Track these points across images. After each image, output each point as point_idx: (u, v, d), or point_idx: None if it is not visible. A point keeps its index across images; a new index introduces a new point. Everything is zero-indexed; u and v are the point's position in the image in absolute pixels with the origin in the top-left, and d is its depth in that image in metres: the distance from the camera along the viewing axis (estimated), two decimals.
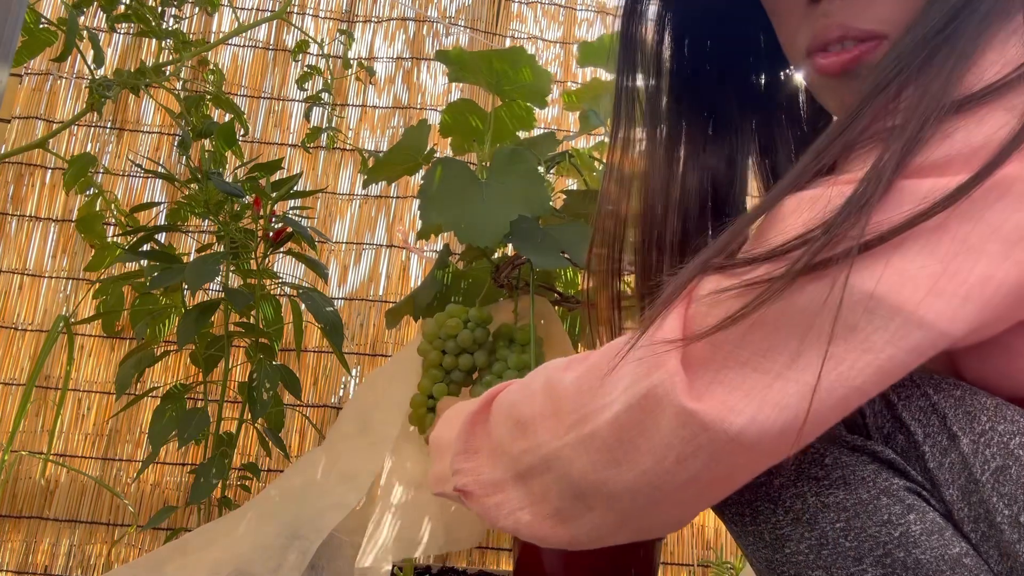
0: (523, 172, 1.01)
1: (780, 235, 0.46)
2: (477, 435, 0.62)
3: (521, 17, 1.88)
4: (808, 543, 0.47)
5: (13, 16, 0.64)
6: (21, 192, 1.70)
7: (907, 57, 0.48)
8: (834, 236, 0.43)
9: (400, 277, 1.73)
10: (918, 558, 0.45)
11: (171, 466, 1.61)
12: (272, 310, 1.34)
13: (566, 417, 0.52)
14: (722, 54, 0.75)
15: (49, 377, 1.62)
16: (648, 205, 0.70)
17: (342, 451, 1.10)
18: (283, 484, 1.11)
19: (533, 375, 0.59)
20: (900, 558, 0.45)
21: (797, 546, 0.48)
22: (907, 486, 0.47)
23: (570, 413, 0.52)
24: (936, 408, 0.48)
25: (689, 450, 0.45)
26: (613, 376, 0.49)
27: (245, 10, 1.80)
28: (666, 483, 0.47)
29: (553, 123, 1.81)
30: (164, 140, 1.76)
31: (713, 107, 0.75)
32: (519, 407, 0.56)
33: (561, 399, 0.53)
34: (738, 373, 0.45)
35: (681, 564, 1.62)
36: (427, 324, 1.03)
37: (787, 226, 0.46)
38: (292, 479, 1.11)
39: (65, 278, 1.67)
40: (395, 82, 1.81)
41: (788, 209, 0.47)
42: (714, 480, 0.47)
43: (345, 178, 1.77)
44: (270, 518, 1.04)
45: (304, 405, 1.63)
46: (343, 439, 1.13)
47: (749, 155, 0.76)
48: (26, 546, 1.56)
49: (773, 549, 0.49)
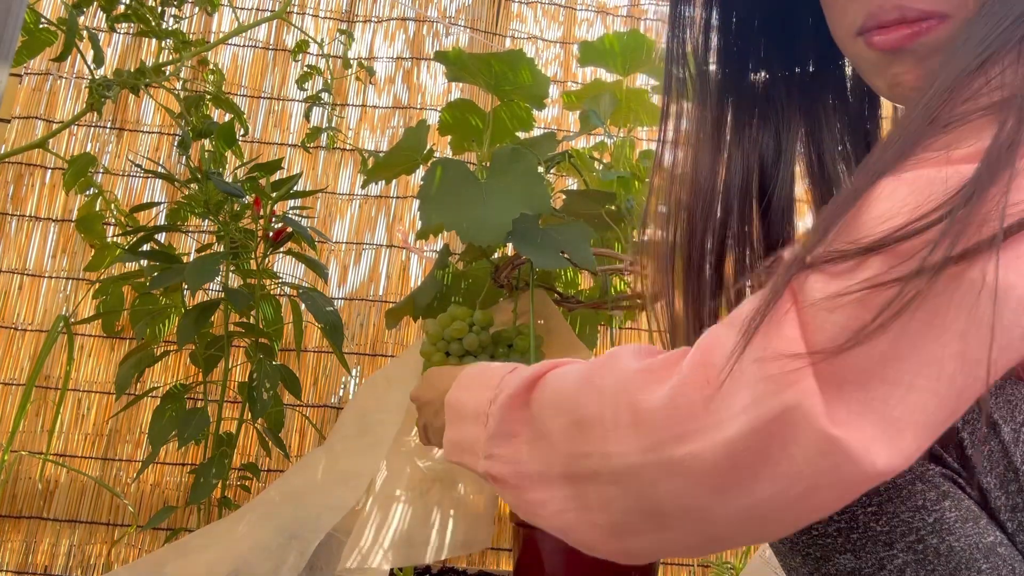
0: (523, 172, 1.01)
1: (881, 223, 0.40)
2: (516, 419, 0.55)
3: (521, 17, 1.88)
4: (837, 525, 0.47)
5: (13, 16, 0.64)
6: (21, 192, 1.70)
7: (1001, 33, 0.43)
8: (963, 222, 0.37)
9: (400, 277, 1.73)
10: (951, 545, 0.44)
11: (171, 466, 1.61)
12: (272, 310, 1.35)
13: (653, 433, 0.45)
14: (769, 33, 0.73)
15: (49, 377, 1.62)
16: (693, 189, 0.67)
17: (341, 452, 1.10)
18: (283, 485, 1.11)
19: (598, 367, 0.51)
20: (933, 545, 0.44)
21: (825, 528, 0.47)
22: (943, 472, 0.46)
23: (660, 430, 0.45)
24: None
25: (825, 482, 0.40)
26: (724, 393, 0.42)
27: (245, 10, 1.80)
28: (780, 515, 0.42)
29: (553, 123, 1.81)
30: (164, 140, 1.76)
31: (760, 88, 0.73)
32: (580, 404, 0.50)
33: (644, 412, 0.46)
34: (885, 393, 0.39)
35: (681, 564, 1.62)
36: (430, 325, 1.03)
37: (886, 212, 0.40)
38: (292, 480, 1.11)
39: (65, 278, 1.67)
40: (395, 82, 1.81)
41: (884, 193, 0.41)
42: (828, 509, 0.42)
43: (345, 178, 1.77)
44: (269, 518, 1.04)
45: (304, 405, 1.63)
46: (343, 440, 1.12)
47: (796, 138, 0.73)
48: (26, 546, 1.56)
49: (799, 531, 0.48)
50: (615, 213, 1.08)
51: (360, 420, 1.12)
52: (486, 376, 0.60)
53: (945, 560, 0.44)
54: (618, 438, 0.46)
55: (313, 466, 1.12)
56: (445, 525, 1.08)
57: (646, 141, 1.83)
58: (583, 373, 0.52)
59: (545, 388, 0.53)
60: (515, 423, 0.55)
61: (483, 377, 0.60)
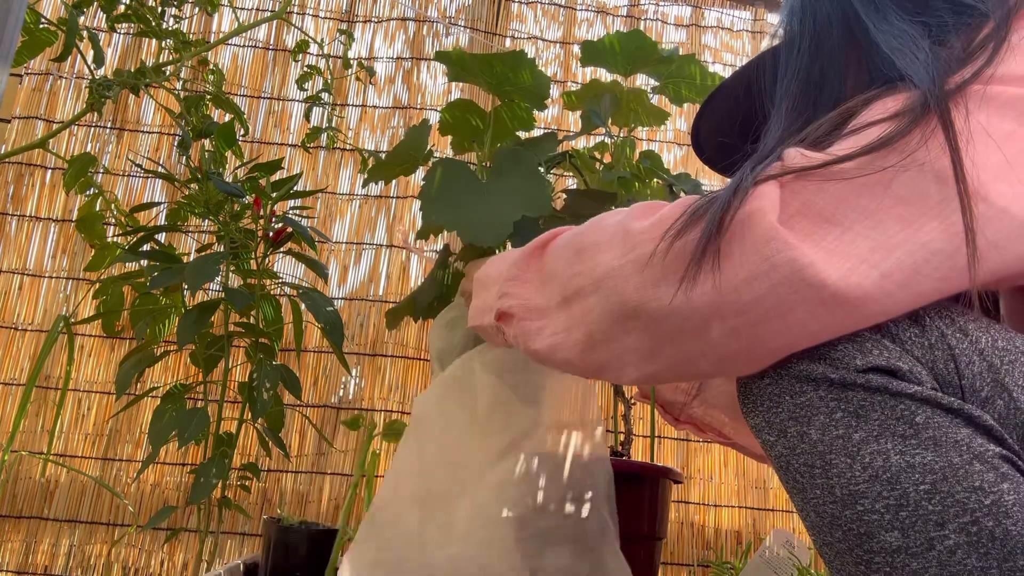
0: (524, 172, 1.01)
1: (863, 120, 0.50)
2: (531, 267, 0.65)
3: (521, 17, 1.88)
4: (886, 502, 0.46)
5: (13, 16, 0.64)
6: (21, 192, 1.70)
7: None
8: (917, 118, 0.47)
9: (400, 277, 1.73)
10: (1008, 529, 0.43)
11: (171, 466, 1.61)
12: (272, 310, 1.34)
13: (634, 242, 0.54)
14: None
15: (49, 377, 1.62)
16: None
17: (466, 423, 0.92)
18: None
19: (606, 214, 0.61)
20: (988, 527, 0.43)
21: (872, 504, 0.46)
22: (1002, 454, 0.45)
23: (640, 241, 0.53)
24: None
25: (764, 268, 0.46)
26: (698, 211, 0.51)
27: (245, 10, 1.80)
28: (726, 303, 0.48)
29: (553, 123, 1.82)
30: (164, 140, 1.76)
31: None
32: (584, 236, 0.59)
33: (633, 231, 0.54)
34: (827, 230, 0.47)
35: (681, 564, 1.62)
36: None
37: (872, 114, 0.50)
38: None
39: (65, 278, 1.67)
40: (395, 82, 1.81)
41: (877, 107, 0.51)
42: (770, 313, 0.47)
43: (345, 178, 1.77)
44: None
45: (304, 405, 1.63)
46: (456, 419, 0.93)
47: None
48: (26, 546, 1.56)
49: (843, 505, 0.47)
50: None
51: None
52: (510, 252, 0.71)
53: (1000, 544, 0.43)
54: (608, 250, 0.56)
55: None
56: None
57: (646, 141, 1.83)
58: (592, 219, 0.62)
59: (559, 238, 0.64)
60: (530, 270, 0.66)
61: (508, 253, 0.72)
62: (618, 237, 0.55)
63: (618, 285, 0.54)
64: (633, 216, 0.56)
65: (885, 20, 0.56)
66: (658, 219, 0.53)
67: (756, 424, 0.52)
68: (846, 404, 0.47)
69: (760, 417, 0.52)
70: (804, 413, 0.49)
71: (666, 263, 0.51)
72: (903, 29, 0.54)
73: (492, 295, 0.68)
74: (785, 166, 0.49)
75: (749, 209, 0.48)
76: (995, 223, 0.46)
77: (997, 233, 0.46)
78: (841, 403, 0.48)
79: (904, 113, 0.48)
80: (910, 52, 0.52)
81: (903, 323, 0.49)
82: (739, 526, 1.65)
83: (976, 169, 0.46)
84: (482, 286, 0.73)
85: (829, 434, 0.48)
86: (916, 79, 0.50)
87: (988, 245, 0.46)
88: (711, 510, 1.66)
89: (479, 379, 0.87)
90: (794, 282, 0.46)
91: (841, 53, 0.59)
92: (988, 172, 0.46)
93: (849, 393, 0.47)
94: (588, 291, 0.56)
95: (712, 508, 1.66)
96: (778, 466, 0.51)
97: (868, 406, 0.47)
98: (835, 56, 0.59)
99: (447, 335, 0.99)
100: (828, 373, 0.48)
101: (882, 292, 0.46)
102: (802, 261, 0.45)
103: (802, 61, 0.60)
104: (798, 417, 0.49)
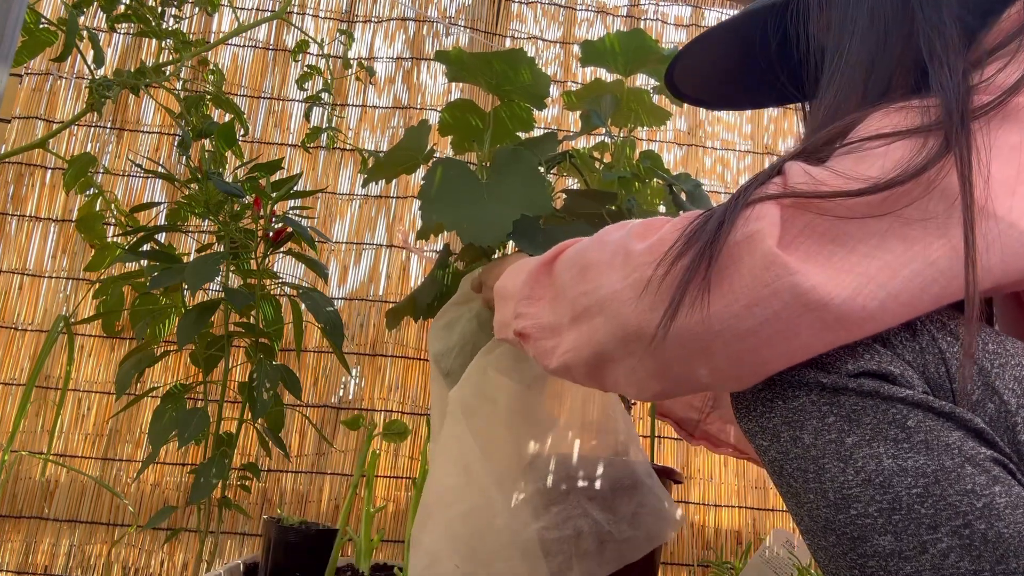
0: (524, 172, 1.01)
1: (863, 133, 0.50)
2: (542, 284, 0.66)
3: (521, 17, 1.88)
4: (878, 506, 0.46)
5: (13, 16, 0.64)
6: (21, 192, 1.70)
7: None
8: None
9: (400, 277, 1.73)
10: (1000, 532, 0.43)
11: (171, 466, 1.61)
12: (272, 310, 1.34)
13: (634, 266, 0.54)
14: None
15: (49, 377, 1.62)
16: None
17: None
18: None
19: (609, 228, 0.61)
20: (980, 530, 0.43)
21: (865, 508, 0.46)
22: (994, 457, 0.45)
23: (640, 264, 0.53)
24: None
25: (765, 294, 0.46)
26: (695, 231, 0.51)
27: (245, 10, 1.80)
28: (727, 328, 0.47)
29: (553, 123, 1.82)
30: (164, 140, 1.76)
31: None
32: (588, 253, 0.60)
33: (633, 253, 0.54)
34: (831, 251, 0.46)
35: (681, 564, 1.62)
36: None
37: (871, 128, 0.50)
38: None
39: (65, 278, 1.67)
40: (395, 82, 1.81)
41: (875, 119, 0.51)
42: (774, 338, 0.47)
43: (345, 178, 1.77)
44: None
45: (304, 405, 1.63)
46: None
47: None
48: (26, 546, 1.56)
49: (837, 509, 0.47)
50: (616, 213, 1.08)
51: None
52: (525, 264, 0.72)
53: (992, 547, 0.43)
54: (610, 272, 0.56)
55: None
56: None
57: (646, 141, 1.83)
58: (595, 234, 0.62)
59: (565, 253, 0.64)
60: (541, 287, 0.66)
61: (524, 263, 0.73)
62: (619, 259, 0.55)
63: (620, 308, 0.54)
64: (633, 235, 0.56)
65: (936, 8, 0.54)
66: (657, 240, 0.53)
67: (749, 429, 0.53)
68: (838, 408, 0.47)
69: (753, 422, 0.52)
70: (797, 418, 0.49)
71: (661, 289, 0.51)
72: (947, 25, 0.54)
73: (509, 313, 0.70)
74: (788, 186, 0.48)
75: (747, 232, 0.47)
76: (1002, 239, 0.46)
77: (1005, 250, 0.46)
78: (833, 407, 0.48)
79: (918, 134, 0.48)
80: (945, 71, 0.51)
81: (894, 328, 0.48)
82: (739, 526, 1.65)
83: (984, 185, 0.46)
84: (501, 300, 0.74)
85: (822, 438, 0.48)
86: (944, 109, 0.48)
87: (994, 261, 0.45)
88: (711, 510, 1.66)
89: (523, 364, 0.90)
90: (797, 307, 0.45)
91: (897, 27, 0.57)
92: (994, 187, 0.46)
93: (841, 397, 0.47)
94: (594, 312, 0.57)
95: (712, 508, 1.66)
96: (772, 471, 0.52)
97: (860, 410, 0.47)
98: (891, 34, 0.57)
99: (445, 336, 1.00)
100: (820, 378, 0.48)
101: (886, 311, 0.45)
102: (804, 286, 0.45)
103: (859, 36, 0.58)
104: (791, 422, 0.49)
